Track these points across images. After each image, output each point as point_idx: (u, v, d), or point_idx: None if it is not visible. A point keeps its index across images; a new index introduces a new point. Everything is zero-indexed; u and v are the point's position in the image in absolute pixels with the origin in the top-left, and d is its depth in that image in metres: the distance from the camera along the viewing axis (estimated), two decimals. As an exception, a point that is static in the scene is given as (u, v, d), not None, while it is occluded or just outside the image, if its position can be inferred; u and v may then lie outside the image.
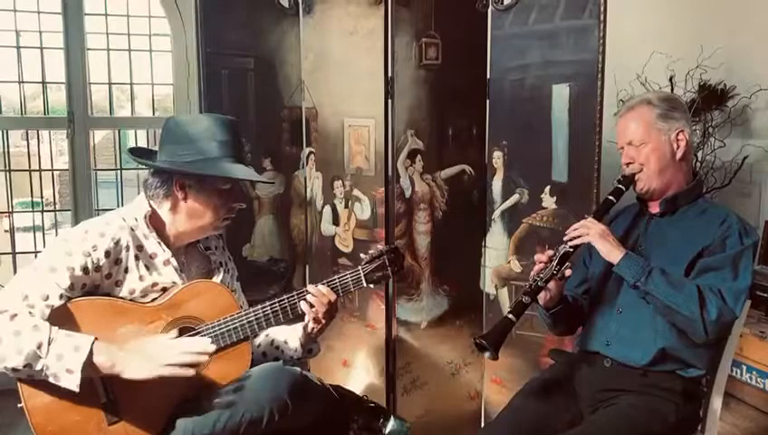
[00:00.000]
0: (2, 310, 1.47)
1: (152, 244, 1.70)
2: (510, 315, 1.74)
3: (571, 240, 1.78)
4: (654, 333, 1.76)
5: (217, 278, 1.83)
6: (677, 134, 1.83)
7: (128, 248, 1.65)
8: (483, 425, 2.67)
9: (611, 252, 1.76)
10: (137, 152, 1.84)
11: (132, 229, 1.68)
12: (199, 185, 1.71)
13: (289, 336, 1.92)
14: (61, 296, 1.53)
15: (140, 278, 1.67)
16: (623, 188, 1.84)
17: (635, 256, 1.76)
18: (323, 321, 1.79)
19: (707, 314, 1.66)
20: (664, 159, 1.83)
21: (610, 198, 1.84)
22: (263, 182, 1.87)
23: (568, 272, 1.80)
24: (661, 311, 1.72)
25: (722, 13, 3.15)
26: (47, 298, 1.52)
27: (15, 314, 1.47)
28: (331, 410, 1.77)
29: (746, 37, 3.06)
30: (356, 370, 2.67)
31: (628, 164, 1.86)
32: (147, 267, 1.68)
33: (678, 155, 1.83)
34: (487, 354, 1.72)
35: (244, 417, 1.55)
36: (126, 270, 1.65)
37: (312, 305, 1.75)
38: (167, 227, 1.74)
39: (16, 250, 3.57)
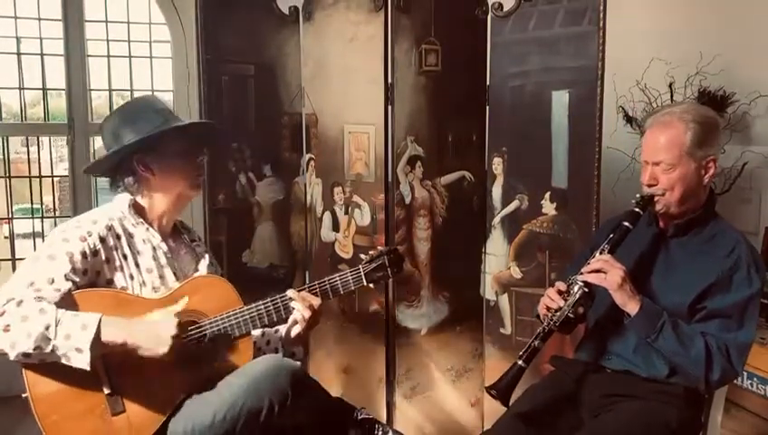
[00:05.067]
0: (9, 298, 1.50)
1: (141, 230, 1.76)
2: (521, 362, 1.73)
3: (587, 278, 1.74)
4: (655, 352, 1.75)
5: (204, 263, 1.89)
6: (708, 162, 1.74)
7: (119, 237, 1.71)
8: (483, 431, 2.66)
9: (627, 303, 1.71)
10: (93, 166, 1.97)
11: (121, 220, 1.74)
12: (159, 155, 1.76)
13: (281, 328, 1.96)
14: (66, 278, 1.57)
15: (137, 264, 1.72)
16: (641, 212, 1.76)
17: (649, 309, 1.70)
18: (305, 325, 1.81)
19: (712, 374, 1.67)
20: (690, 188, 1.74)
21: (627, 225, 1.76)
22: (205, 126, 1.94)
23: (581, 310, 1.77)
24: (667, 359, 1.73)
25: (721, 19, 3.15)
26: (53, 281, 1.56)
27: (22, 301, 1.50)
28: (328, 413, 1.77)
29: (746, 44, 3.06)
30: (355, 376, 2.66)
31: (650, 185, 1.77)
32: (140, 253, 1.74)
33: (705, 181, 1.76)
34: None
35: (243, 408, 1.56)
36: (124, 257, 1.70)
37: (311, 299, 1.79)
38: (148, 212, 1.80)
39: (16, 256, 3.57)
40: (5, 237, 3.76)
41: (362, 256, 1.89)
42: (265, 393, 1.57)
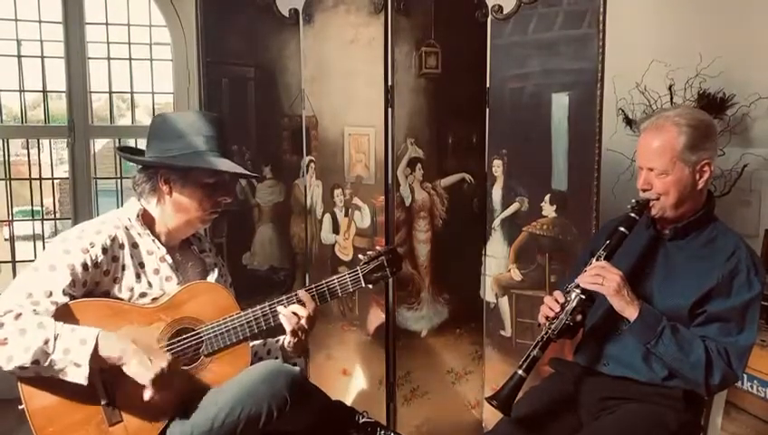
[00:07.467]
0: (6, 310, 1.49)
1: (147, 241, 1.74)
2: (521, 371, 1.73)
3: (585, 285, 1.74)
4: (653, 358, 1.75)
5: (212, 277, 1.86)
6: (703, 166, 1.73)
7: (123, 247, 1.69)
8: (483, 434, 2.66)
9: (625, 309, 1.71)
10: (126, 151, 1.90)
11: (127, 229, 1.72)
12: (183, 179, 1.74)
13: (281, 338, 1.94)
14: (64, 292, 1.55)
15: (137, 276, 1.70)
16: (637, 217, 1.76)
17: (648, 315, 1.70)
18: (300, 334, 1.78)
19: (712, 379, 1.67)
20: (684, 192, 1.73)
21: (623, 230, 1.75)
22: (245, 175, 1.90)
23: (579, 317, 1.77)
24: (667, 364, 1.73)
25: (721, 21, 3.15)
26: (50, 295, 1.54)
27: (20, 314, 1.49)
28: (328, 416, 1.77)
29: (745, 46, 3.06)
30: (356, 379, 2.66)
31: (644, 189, 1.77)
32: (142, 265, 1.72)
33: (700, 185, 1.75)
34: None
35: (242, 413, 1.56)
36: (123, 267, 1.68)
37: (297, 310, 1.77)
38: (157, 224, 1.78)
39: (16, 259, 3.56)
40: (6, 240, 3.76)
41: (361, 256, 1.89)
42: (264, 399, 1.57)
